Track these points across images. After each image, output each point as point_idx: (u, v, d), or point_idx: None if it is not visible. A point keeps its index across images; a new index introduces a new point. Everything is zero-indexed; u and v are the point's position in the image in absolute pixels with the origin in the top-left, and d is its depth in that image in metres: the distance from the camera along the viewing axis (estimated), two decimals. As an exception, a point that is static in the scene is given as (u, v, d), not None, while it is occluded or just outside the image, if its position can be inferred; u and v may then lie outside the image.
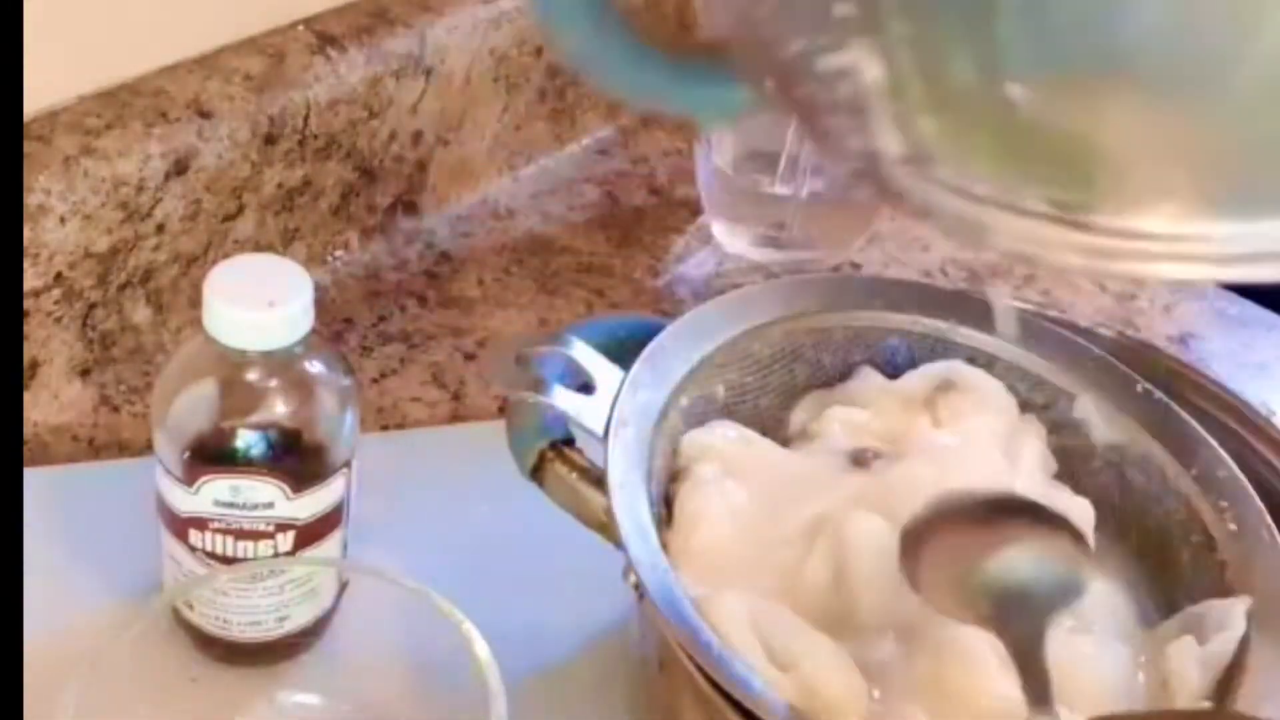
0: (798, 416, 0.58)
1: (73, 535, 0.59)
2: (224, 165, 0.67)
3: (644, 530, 0.48)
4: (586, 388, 0.52)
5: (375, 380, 0.70)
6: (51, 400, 0.65)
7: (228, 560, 0.51)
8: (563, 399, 0.51)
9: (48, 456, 0.63)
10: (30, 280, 0.61)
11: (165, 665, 0.48)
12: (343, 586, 0.53)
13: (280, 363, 0.50)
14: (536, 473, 0.52)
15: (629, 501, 0.48)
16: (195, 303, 0.68)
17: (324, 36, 0.72)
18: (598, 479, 0.50)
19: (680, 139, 0.90)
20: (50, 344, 0.64)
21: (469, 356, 0.72)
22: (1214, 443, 0.55)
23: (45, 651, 0.48)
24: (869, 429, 0.56)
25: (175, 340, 0.69)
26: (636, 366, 0.53)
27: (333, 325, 0.72)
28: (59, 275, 0.62)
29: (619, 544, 0.47)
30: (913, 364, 0.59)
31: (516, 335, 0.72)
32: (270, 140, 0.68)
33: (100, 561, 0.58)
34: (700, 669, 0.45)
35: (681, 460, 0.54)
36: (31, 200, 0.60)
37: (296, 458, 0.51)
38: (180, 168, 0.65)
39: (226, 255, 0.68)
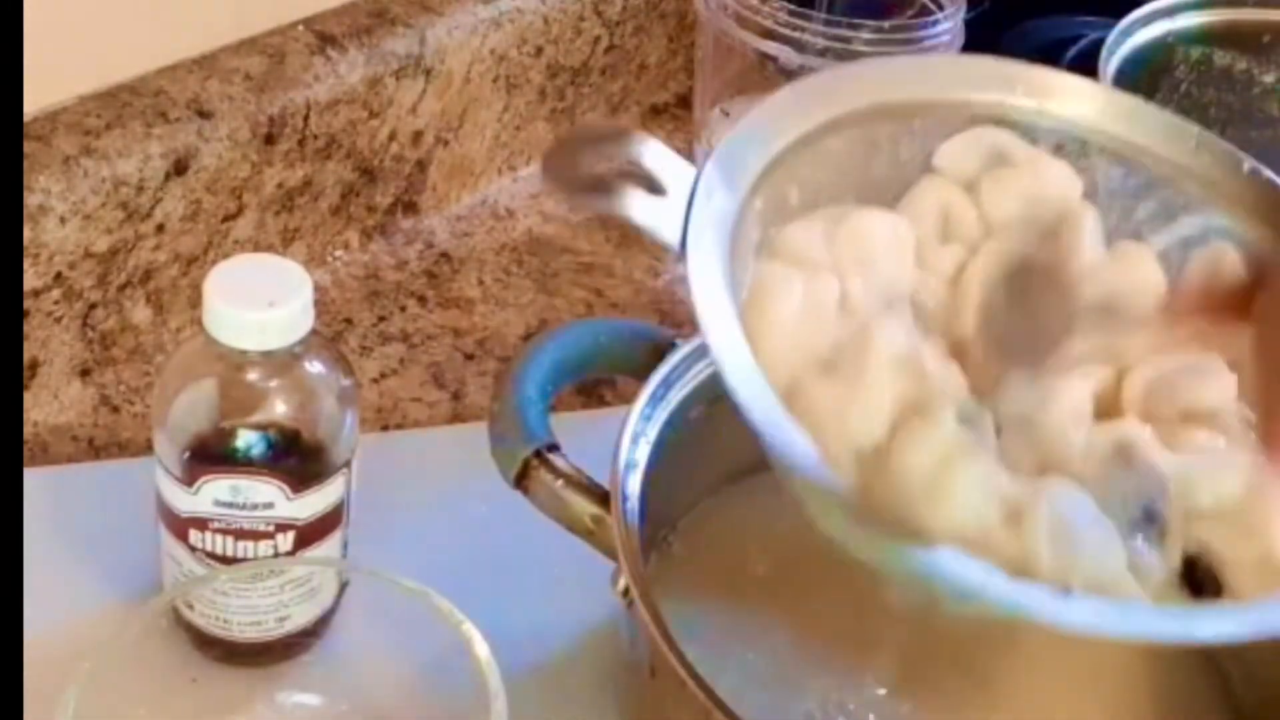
0: None
1: (73, 535, 0.59)
2: (224, 165, 0.67)
3: (738, 347, 0.44)
4: (654, 189, 0.48)
5: (375, 380, 0.70)
6: (51, 400, 0.65)
7: (228, 560, 0.51)
8: (635, 205, 0.46)
9: (48, 456, 0.63)
10: (30, 280, 0.61)
11: (165, 665, 0.48)
12: (343, 586, 0.53)
13: (280, 363, 0.50)
14: (521, 481, 0.51)
15: (717, 309, 0.44)
16: (195, 303, 0.68)
17: (324, 36, 0.72)
18: (583, 485, 0.49)
19: (680, 139, 0.90)
20: (50, 344, 0.64)
21: (469, 356, 0.72)
22: None
23: (45, 651, 0.48)
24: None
25: (175, 340, 0.69)
26: (708, 168, 0.48)
27: (333, 325, 0.72)
28: (59, 275, 0.62)
29: (605, 551, 0.47)
30: None
31: (578, 129, 0.67)
32: (270, 140, 0.68)
33: (100, 561, 0.58)
34: (693, 676, 0.45)
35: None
36: (31, 200, 0.60)
37: (296, 458, 0.51)
38: (180, 168, 0.65)
39: (226, 255, 0.68)
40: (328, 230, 0.75)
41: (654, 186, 0.46)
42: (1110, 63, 0.74)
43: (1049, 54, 0.95)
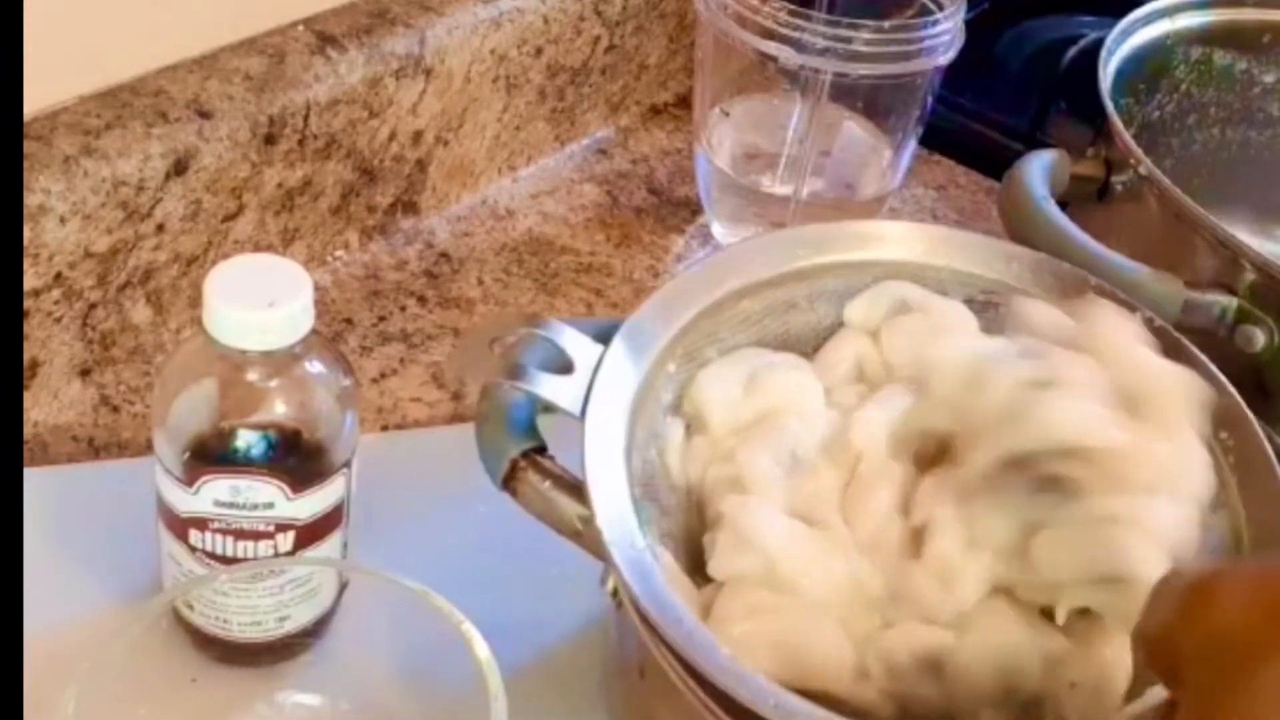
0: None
1: (73, 535, 0.59)
2: (224, 165, 0.67)
3: (625, 523, 0.46)
4: (567, 370, 0.50)
5: (375, 380, 0.70)
6: (51, 400, 0.65)
7: (228, 560, 0.51)
8: (540, 383, 0.49)
9: (48, 456, 0.63)
10: (30, 280, 0.61)
11: (165, 665, 0.48)
12: (343, 586, 0.53)
13: (280, 363, 0.50)
14: (509, 482, 0.51)
15: (607, 489, 0.47)
16: (195, 303, 0.68)
17: (324, 36, 0.72)
18: (571, 486, 0.49)
19: (680, 139, 0.91)
20: (50, 344, 0.64)
21: (469, 356, 0.72)
22: (1215, 368, 0.53)
23: (45, 651, 0.48)
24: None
25: (175, 340, 0.69)
26: (615, 340, 0.51)
27: (333, 325, 0.72)
28: (59, 275, 0.62)
29: (593, 551, 0.47)
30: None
31: (490, 318, 0.70)
32: (270, 140, 0.68)
33: (100, 561, 0.58)
34: (692, 673, 0.44)
35: (688, 408, 0.54)
36: (31, 200, 0.60)
37: (296, 458, 0.51)
38: (180, 168, 0.65)
39: (226, 255, 0.68)
40: (328, 230, 0.75)
41: (565, 365, 0.50)
42: (1110, 63, 0.74)
43: (1049, 54, 0.95)
